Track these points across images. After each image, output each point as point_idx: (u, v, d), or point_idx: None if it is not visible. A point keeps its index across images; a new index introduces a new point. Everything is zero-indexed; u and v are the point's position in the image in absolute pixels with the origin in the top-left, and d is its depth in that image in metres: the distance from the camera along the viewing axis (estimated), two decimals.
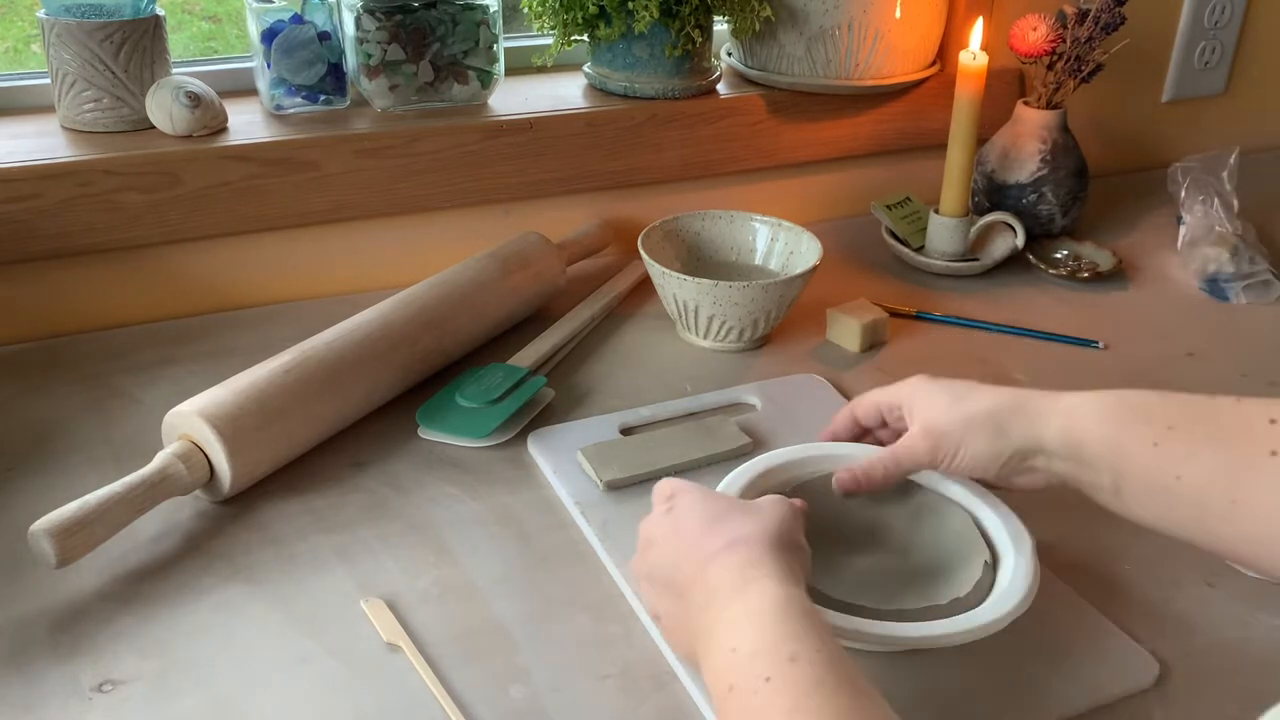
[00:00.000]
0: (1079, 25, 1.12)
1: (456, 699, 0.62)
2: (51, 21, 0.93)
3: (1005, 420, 0.65)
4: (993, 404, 0.66)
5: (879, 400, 0.73)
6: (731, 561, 0.56)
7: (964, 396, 0.67)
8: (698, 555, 0.58)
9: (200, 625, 0.67)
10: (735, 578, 0.55)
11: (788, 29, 1.13)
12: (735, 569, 0.56)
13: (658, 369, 0.95)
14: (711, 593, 0.56)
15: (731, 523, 0.59)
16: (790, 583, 0.55)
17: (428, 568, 0.72)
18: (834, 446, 0.75)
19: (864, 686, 0.49)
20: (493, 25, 1.05)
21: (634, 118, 1.10)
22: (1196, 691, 0.65)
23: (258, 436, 0.76)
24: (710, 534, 0.58)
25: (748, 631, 0.52)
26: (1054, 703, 0.63)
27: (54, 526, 0.66)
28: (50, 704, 0.61)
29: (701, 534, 0.59)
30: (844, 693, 0.48)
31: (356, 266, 1.06)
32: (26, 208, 0.91)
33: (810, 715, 0.47)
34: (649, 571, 0.62)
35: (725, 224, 1.04)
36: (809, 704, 0.47)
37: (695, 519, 0.60)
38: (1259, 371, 0.98)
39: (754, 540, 0.57)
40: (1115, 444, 0.61)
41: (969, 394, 0.67)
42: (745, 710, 0.49)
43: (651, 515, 0.64)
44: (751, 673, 0.50)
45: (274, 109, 1.03)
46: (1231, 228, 1.15)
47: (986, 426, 0.66)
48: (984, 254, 1.15)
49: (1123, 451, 0.61)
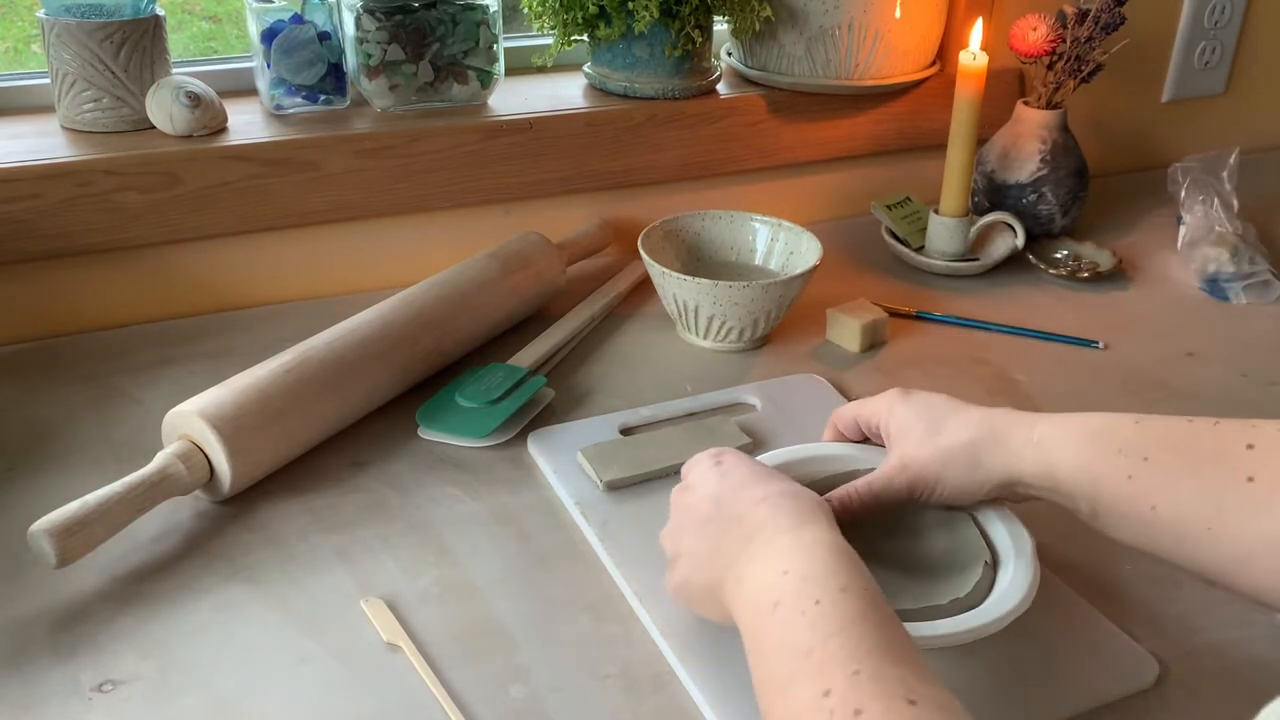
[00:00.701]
0: (1079, 25, 1.12)
1: (456, 699, 0.62)
2: (51, 21, 0.93)
3: (981, 453, 0.64)
4: (969, 436, 0.65)
5: (858, 415, 0.72)
6: (785, 505, 0.58)
7: (939, 426, 0.66)
8: (749, 495, 0.60)
9: (200, 625, 0.67)
10: (789, 517, 0.57)
11: (788, 29, 1.13)
12: (788, 511, 0.58)
13: (658, 369, 0.95)
14: (759, 525, 0.58)
15: (784, 481, 0.61)
16: (839, 536, 0.57)
17: (428, 568, 0.72)
18: (833, 446, 0.75)
19: (901, 630, 0.51)
20: (493, 25, 1.05)
21: (634, 118, 1.10)
22: (1196, 691, 0.65)
23: (258, 436, 0.76)
24: (763, 482, 0.61)
25: (800, 559, 0.54)
26: (1054, 703, 0.63)
27: (54, 526, 0.66)
28: (50, 704, 0.61)
29: (754, 480, 0.61)
30: (887, 629, 0.50)
31: (356, 266, 1.06)
32: (26, 208, 0.91)
33: (854, 641, 0.49)
34: (687, 507, 0.63)
35: (725, 224, 1.04)
36: (854, 630, 0.50)
37: (747, 470, 0.62)
38: (1259, 371, 0.98)
39: (805, 496, 0.60)
40: (1090, 477, 0.61)
41: (944, 422, 0.66)
42: (789, 625, 0.51)
43: (697, 462, 0.65)
44: (802, 594, 0.52)
45: (274, 109, 1.03)
46: (1231, 228, 1.15)
47: (962, 460, 0.65)
48: (984, 254, 1.15)
49: (1097, 484, 0.61)
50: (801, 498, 0.59)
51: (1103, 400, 0.93)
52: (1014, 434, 0.64)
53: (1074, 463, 0.61)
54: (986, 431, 0.65)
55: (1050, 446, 0.62)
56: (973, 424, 0.65)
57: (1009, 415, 0.65)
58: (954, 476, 0.65)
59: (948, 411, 0.67)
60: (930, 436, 0.66)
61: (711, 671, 0.63)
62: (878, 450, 0.76)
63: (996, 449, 0.64)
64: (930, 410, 0.67)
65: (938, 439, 0.65)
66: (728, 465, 0.63)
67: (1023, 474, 0.64)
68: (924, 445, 0.66)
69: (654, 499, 0.77)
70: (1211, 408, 0.92)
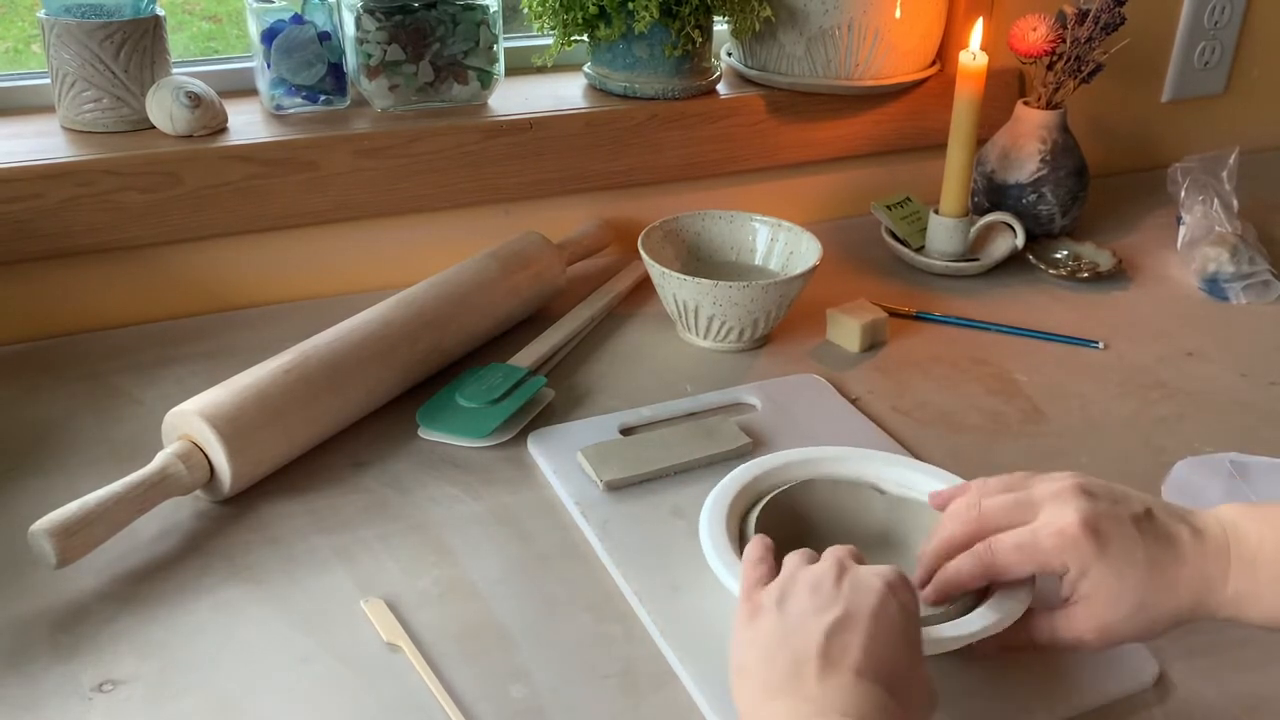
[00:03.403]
0: (1079, 25, 1.12)
1: (456, 699, 0.62)
2: (51, 21, 0.93)
3: (1184, 623, 0.60)
4: (1176, 611, 0.59)
5: (1035, 555, 0.60)
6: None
7: (1150, 599, 0.59)
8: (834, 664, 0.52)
9: (200, 625, 0.67)
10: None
11: (788, 29, 1.13)
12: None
13: (658, 369, 0.95)
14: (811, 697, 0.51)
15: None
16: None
17: (428, 568, 0.72)
18: (836, 450, 0.75)
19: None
20: (493, 25, 1.05)
21: (634, 118, 1.10)
22: (1196, 691, 0.65)
23: (258, 436, 0.76)
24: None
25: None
26: (1054, 703, 0.63)
27: (54, 526, 0.66)
28: (50, 704, 0.61)
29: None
30: None
31: (356, 266, 1.06)
32: (26, 208, 0.91)
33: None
34: (799, 592, 0.56)
35: (725, 224, 1.04)
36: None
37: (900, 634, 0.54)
38: (1259, 372, 0.98)
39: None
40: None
41: (1157, 595, 0.59)
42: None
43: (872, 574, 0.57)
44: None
45: (274, 109, 1.03)
46: (1231, 228, 1.15)
47: (1162, 630, 0.60)
48: (984, 254, 1.15)
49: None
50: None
51: (1103, 400, 0.93)
52: (1219, 598, 0.59)
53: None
54: (1194, 602, 0.59)
55: (1245, 604, 0.59)
56: (1185, 595, 0.59)
57: (1213, 575, 0.58)
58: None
59: (1160, 574, 0.59)
60: (1140, 610, 0.59)
61: (711, 671, 0.63)
62: (878, 455, 0.76)
63: (1199, 614, 0.60)
64: (1142, 580, 0.59)
65: (1148, 612, 0.59)
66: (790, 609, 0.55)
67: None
68: (1131, 619, 0.59)
69: (654, 499, 0.77)
70: (1211, 408, 0.92)
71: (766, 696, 0.52)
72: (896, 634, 0.54)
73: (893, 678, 0.52)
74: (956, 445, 0.86)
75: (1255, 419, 0.91)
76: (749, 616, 0.56)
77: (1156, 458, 0.85)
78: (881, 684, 0.51)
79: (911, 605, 0.56)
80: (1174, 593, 0.59)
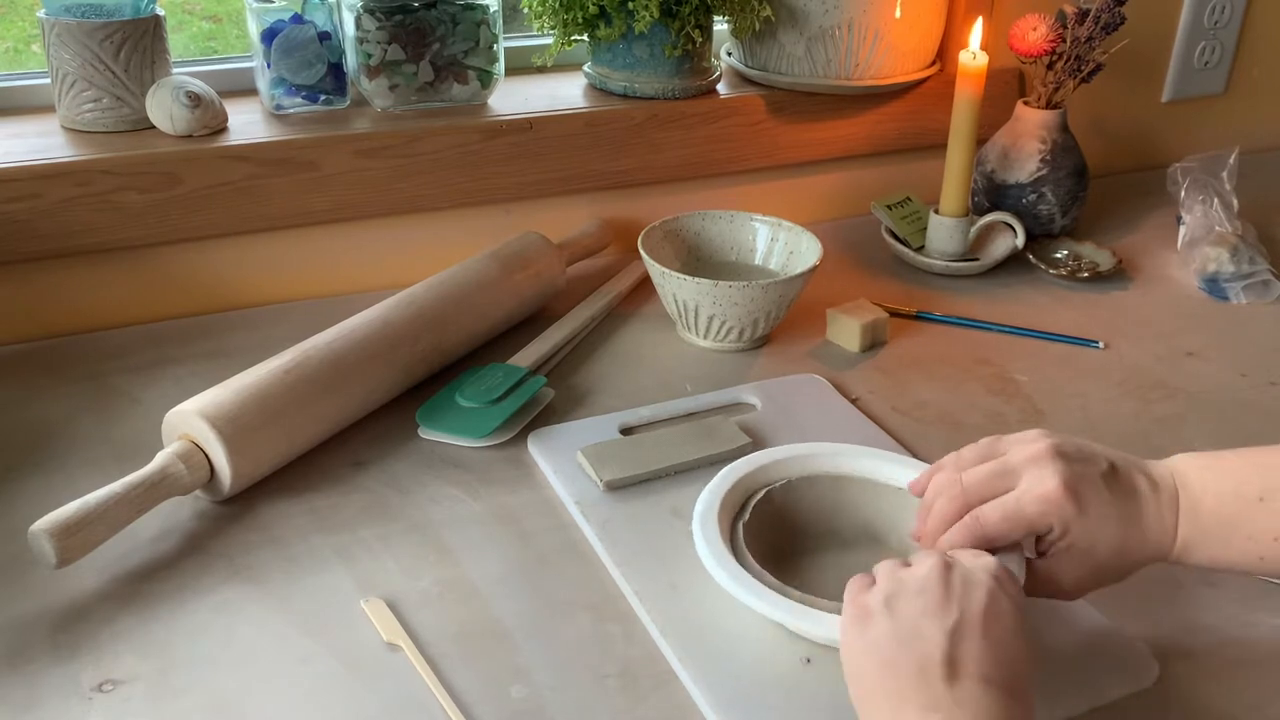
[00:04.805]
0: (1079, 25, 1.12)
1: (456, 699, 0.62)
2: (51, 21, 0.93)
3: (1143, 566, 0.64)
4: (1139, 559, 0.63)
5: (1022, 522, 0.62)
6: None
7: (1121, 550, 0.62)
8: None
9: (200, 625, 0.67)
10: None
11: (788, 29, 1.13)
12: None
13: (658, 369, 0.95)
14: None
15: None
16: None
17: (428, 568, 0.72)
18: (836, 446, 0.75)
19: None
20: (493, 25, 1.05)
21: (634, 118, 1.10)
22: (1196, 691, 0.65)
23: (258, 436, 0.76)
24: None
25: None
26: (1054, 703, 0.63)
27: (54, 526, 0.66)
28: (50, 704, 0.61)
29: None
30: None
31: (356, 266, 1.06)
32: (26, 208, 0.91)
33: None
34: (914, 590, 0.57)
35: (725, 224, 1.04)
36: None
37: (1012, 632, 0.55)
38: (1259, 371, 0.98)
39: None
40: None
41: (1126, 545, 0.62)
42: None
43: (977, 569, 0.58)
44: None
45: (274, 109, 1.03)
46: (1231, 228, 1.15)
47: (1126, 576, 0.64)
48: (984, 254, 1.15)
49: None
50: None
51: (1103, 400, 0.93)
52: (1166, 544, 0.63)
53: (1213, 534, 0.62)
54: (1151, 555, 0.63)
55: (1191, 549, 0.63)
56: (1145, 548, 0.63)
57: (1164, 529, 0.63)
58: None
59: (1120, 531, 0.62)
60: (1109, 562, 0.63)
61: (711, 671, 0.63)
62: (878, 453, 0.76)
63: (1153, 559, 0.63)
64: (1107, 527, 0.62)
65: (1115, 564, 0.63)
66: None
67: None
68: (1102, 572, 0.63)
69: (654, 499, 0.77)
70: (1211, 408, 0.92)
71: (895, 704, 0.53)
72: (1012, 633, 0.55)
73: (1015, 679, 0.53)
74: (956, 445, 0.85)
75: (1255, 419, 0.91)
76: (859, 621, 0.57)
77: (1156, 458, 0.85)
78: (1006, 689, 0.53)
79: (1020, 599, 0.57)
80: (1140, 543, 0.62)
